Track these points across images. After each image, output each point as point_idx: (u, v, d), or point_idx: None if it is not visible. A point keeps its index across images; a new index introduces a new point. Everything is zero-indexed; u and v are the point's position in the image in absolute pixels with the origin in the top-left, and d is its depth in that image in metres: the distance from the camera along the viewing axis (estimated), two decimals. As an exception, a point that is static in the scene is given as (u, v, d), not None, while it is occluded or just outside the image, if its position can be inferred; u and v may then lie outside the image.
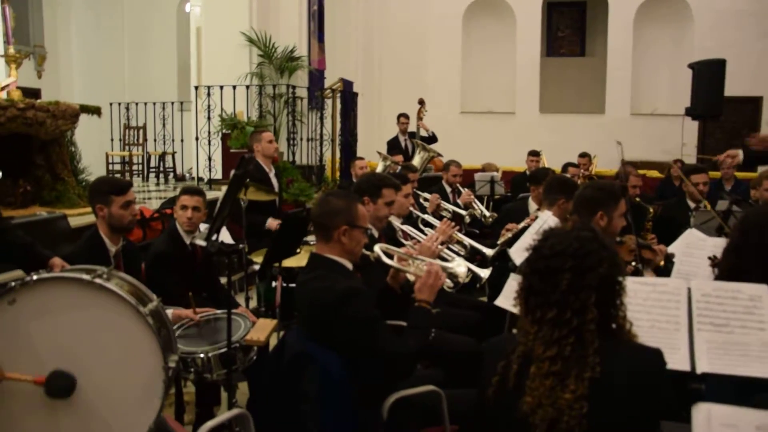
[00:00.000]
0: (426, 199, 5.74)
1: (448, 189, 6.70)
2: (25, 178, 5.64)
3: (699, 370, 2.23)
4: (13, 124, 5.11)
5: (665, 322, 2.37)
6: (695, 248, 3.56)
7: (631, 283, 1.95)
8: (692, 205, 5.48)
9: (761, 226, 2.51)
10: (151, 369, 2.25)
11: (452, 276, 2.89)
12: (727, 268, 2.60)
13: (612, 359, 1.73)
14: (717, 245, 3.42)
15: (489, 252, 4.09)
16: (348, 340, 2.44)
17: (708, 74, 9.50)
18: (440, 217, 5.07)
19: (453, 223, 4.02)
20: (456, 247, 4.22)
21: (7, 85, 5.58)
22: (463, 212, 5.88)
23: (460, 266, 2.93)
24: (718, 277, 2.66)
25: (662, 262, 4.08)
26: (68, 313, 2.23)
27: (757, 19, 12.17)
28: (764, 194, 5.13)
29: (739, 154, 4.43)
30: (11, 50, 5.82)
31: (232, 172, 2.59)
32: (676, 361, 2.22)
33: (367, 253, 2.81)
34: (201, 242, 2.56)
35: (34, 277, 2.24)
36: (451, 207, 5.84)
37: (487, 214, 6.13)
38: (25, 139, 5.57)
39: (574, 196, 3.62)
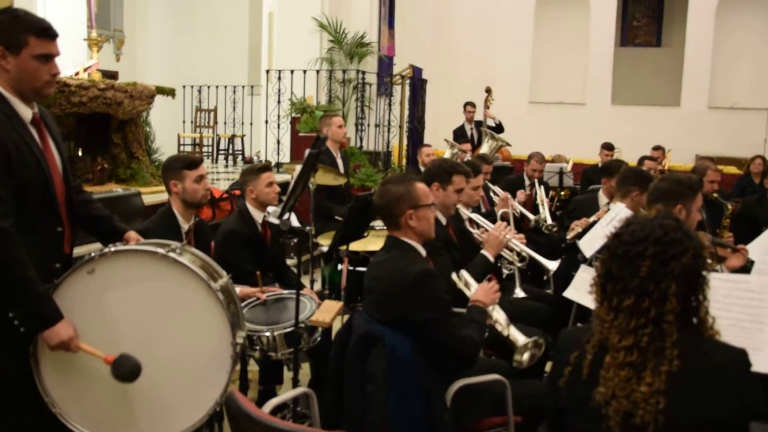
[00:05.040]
0: (497, 194, 5.61)
1: (527, 182, 6.56)
2: (103, 156, 5.85)
3: (784, 373, 2.12)
4: (94, 103, 5.29)
5: (747, 321, 2.27)
6: (779, 247, 3.39)
7: (710, 279, 1.86)
8: (775, 202, 5.25)
9: None
10: (220, 344, 2.30)
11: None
12: None
13: (692, 354, 1.65)
14: (803, 244, 3.26)
15: (551, 266, 3.83)
16: (419, 321, 2.44)
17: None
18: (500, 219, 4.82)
19: (509, 227, 3.83)
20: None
21: (89, 67, 5.78)
22: (532, 217, 5.68)
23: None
24: None
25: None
26: (142, 285, 2.30)
27: None
28: None
29: None
30: (93, 34, 6.03)
31: (307, 151, 2.60)
32: (760, 362, 2.10)
33: None
34: (274, 220, 2.58)
35: (112, 249, 2.31)
36: (519, 208, 5.63)
37: (549, 221, 5.77)
38: (103, 119, 5.76)
39: (649, 189, 3.50)
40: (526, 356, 2.67)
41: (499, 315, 2.74)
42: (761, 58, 11.66)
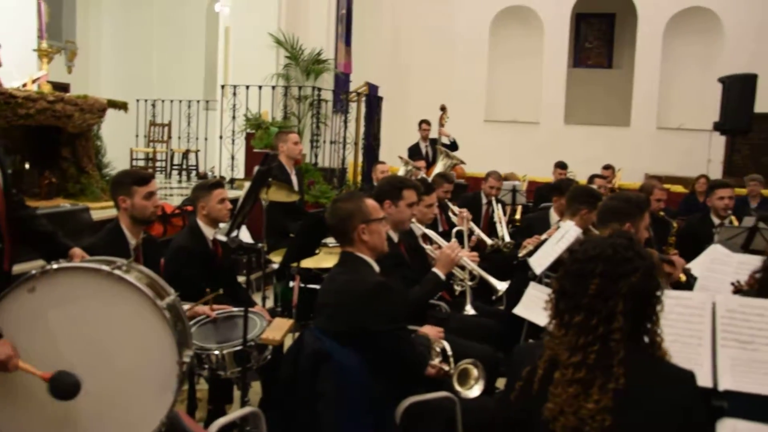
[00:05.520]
0: (455, 213, 5.63)
1: (484, 200, 6.61)
2: (51, 170, 5.70)
3: (722, 387, 2.17)
4: (42, 116, 5.17)
5: (688, 337, 2.32)
6: (720, 264, 3.50)
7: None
8: (716, 221, 5.41)
9: None
10: (166, 363, 2.25)
11: None
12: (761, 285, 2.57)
13: (639, 374, 1.67)
14: (742, 262, 3.37)
15: (500, 287, 3.91)
16: (377, 331, 2.47)
17: (738, 89, 9.39)
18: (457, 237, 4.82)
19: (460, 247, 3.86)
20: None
21: (38, 79, 5.65)
22: (489, 241, 5.69)
23: None
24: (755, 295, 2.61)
25: (684, 277, 4.02)
26: (86, 303, 2.24)
27: (790, 34, 12.00)
28: (791, 212, 5.05)
29: None
30: (44, 45, 5.89)
31: (256, 167, 2.61)
32: (699, 377, 2.16)
33: None
34: (222, 237, 2.57)
35: (54, 266, 2.25)
36: (477, 231, 5.59)
37: (507, 239, 5.83)
38: (53, 132, 5.63)
39: (599, 207, 3.58)
40: (475, 390, 2.73)
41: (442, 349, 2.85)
42: (703, 83, 12.03)
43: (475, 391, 2.77)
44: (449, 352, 2.92)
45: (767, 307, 2.31)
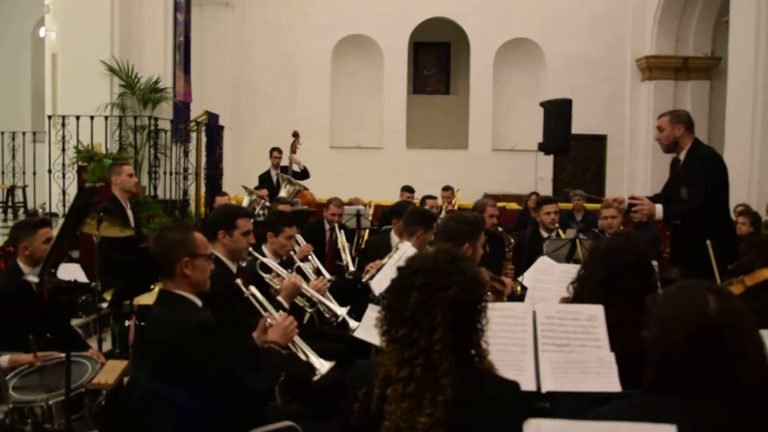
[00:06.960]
0: (298, 242, 5.56)
1: (327, 227, 6.62)
2: None
3: (544, 389, 2.34)
4: None
5: (512, 345, 2.47)
6: (546, 274, 3.78)
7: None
8: (545, 234, 5.82)
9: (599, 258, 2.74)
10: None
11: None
12: (575, 295, 2.81)
13: (467, 385, 1.72)
14: (565, 271, 3.65)
15: (340, 312, 3.82)
16: (201, 374, 2.39)
17: (557, 112, 10.18)
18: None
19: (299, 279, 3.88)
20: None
21: None
22: (328, 276, 5.59)
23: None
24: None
25: (519, 290, 4.28)
26: None
27: (602, 64, 13.26)
28: (603, 223, 5.54)
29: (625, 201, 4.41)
30: None
31: (70, 203, 2.47)
32: (523, 381, 2.29)
33: None
34: (33, 279, 2.40)
35: None
36: (317, 263, 5.30)
37: (352, 268, 5.72)
38: None
39: (439, 228, 3.73)
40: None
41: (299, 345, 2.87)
42: (530, 107, 12.90)
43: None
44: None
45: (579, 311, 2.53)
